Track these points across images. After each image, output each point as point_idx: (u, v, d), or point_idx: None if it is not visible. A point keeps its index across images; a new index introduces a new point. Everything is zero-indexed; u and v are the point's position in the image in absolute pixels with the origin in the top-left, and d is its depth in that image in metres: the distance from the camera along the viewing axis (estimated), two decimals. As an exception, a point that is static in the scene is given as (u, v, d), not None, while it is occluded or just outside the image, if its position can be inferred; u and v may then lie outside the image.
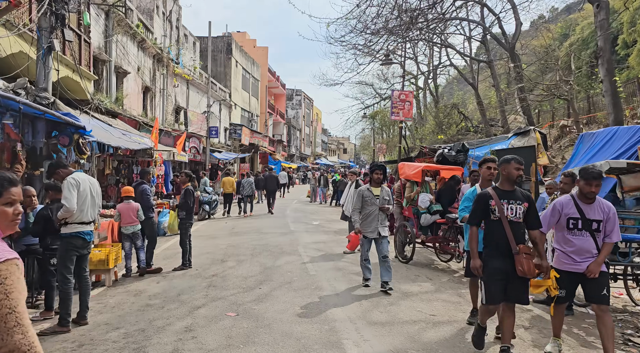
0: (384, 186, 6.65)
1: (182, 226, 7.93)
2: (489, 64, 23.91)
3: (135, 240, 7.47)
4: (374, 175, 6.59)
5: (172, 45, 21.68)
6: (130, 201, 7.49)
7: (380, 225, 6.56)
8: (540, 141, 15.22)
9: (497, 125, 28.93)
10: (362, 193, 6.55)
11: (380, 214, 6.54)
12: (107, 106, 13.69)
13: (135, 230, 7.42)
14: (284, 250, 9.74)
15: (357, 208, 6.58)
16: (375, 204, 6.48)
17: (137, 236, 7.50)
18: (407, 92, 19.78)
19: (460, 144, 10.73)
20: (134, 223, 7.40)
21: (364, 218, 6.56)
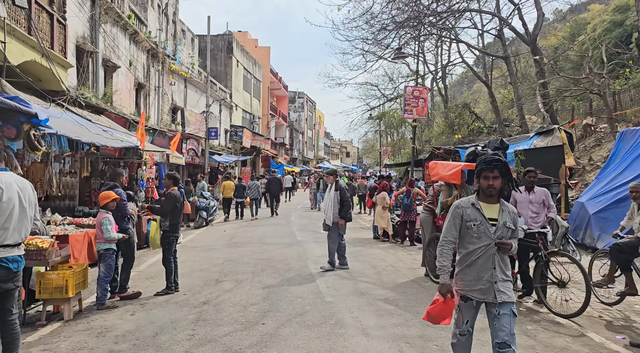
0: (505, 203, 3.33)
1: (165, 241, 6.44)
2: (505, 59, 22.41)
3: (99, 261, 5.86)
4: (485, 180, 3.21)
5: (168, 39, 20.28)
6: (101, 211, 5.98)
7: (501, 278, 3.22)
8: (565, 141, 13.68)
9: (511, 125, 27.47)
10: (460, 212, 3.29)
11: (498, 255, 3.24)
12: (92, 101, 12.27)
13: (100, 248, 5.86)
14: (291, 265, 8.24)
15: (449, 239, 3.33)
16: (488, 236, 3.21)
17: (102, 258, 5.84)
18: (420, 88, 18.32)
19: (497, 140, 9.23)
20: (99, 240, 5.87)
21: (463, 261, 3.30)
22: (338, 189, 8.02)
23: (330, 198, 8.02)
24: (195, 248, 10.50)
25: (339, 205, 7.93)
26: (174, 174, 6.58)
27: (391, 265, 8.33)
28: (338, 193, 7.98)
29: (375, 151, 65.86)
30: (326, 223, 8.10)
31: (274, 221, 16.53)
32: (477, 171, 3.25)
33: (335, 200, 7.95)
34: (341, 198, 7.96)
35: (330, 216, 7.97)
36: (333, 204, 7.94)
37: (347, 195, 8.03)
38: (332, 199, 7.96)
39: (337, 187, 8.05)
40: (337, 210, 7.94)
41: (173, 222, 6.41)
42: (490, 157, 3.22)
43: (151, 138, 16.67)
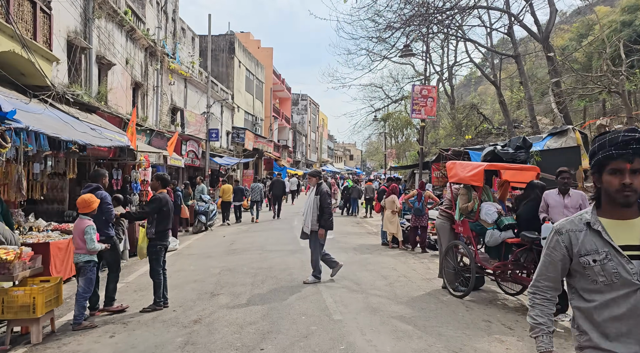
0: None
1: (151, 250, 5.73)
2: (516, 58, 21.67)
3: (78, 274, 5.15)
4: (617, 177, 1.82)
5: (167, 38, 19.65)
6: (82, 217, 5.27)
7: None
8: (581, 142, 12.94)
9: (520, 126, 26.72)
10: (565, 239, 1.93)
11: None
12: (84, 99, 11.61)
13: (79, 260, 5.14)
14: (293, 276, 7.52)
15: (546, 284, 2.04)
16: (627, 279, 1.76)
17: (81, 271, 5.12)
18: (429, 86, 17.61)
19: (519, 138, 8.52)
20: (78, 251, 5.16)
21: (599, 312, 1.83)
22: (319, 193, 7.11)
23: (310, 202, 7.15)
24: (191, 256, 9.80)
25: (319, 211, 7.06)
26: (163, 175, 5.89)
27: (403, 275, 7.61)
28: (318, 198, 7.07)
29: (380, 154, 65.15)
30: (304, 230, 7.24)
31: (275, 225, 15.82)
32: (597, 162, 1.86)
33: (315, 205, 7.08)
34: (321, 203, 7.06)
35: (309, 223, 7.09)
36: (312, 210, 7.05)
37: (328, 201, 7.14)
38: (311, 205, 7.09)
39: (318, 191, 7.14)
40: (316, 216, 7.07)
41: (160, 229, 5.70)
42: (626, 136, 1.80)
43: (148, 138, 16.01)
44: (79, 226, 5.18)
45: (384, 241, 11.39)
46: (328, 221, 7.11)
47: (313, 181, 7.35)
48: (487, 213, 5.72)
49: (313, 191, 7.23)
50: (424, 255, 9.93)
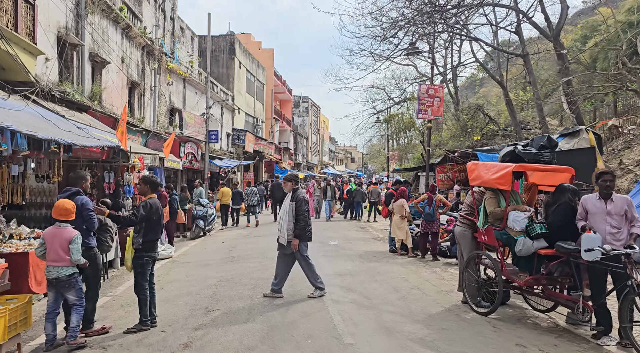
0: None
1: (137, 262, 5.09)
2: (524, 57, 21.07)
3: (63, 290, 4.59)
4: None
5: (165, 36, 19.06)
6: (63, 225, 4.67)
7: None
8: (594, 143, 12.31)
9: (527, 127, 26.10)
10: None
11: None
12: (75, 98, 11.00)
13: (62, 274, 4.55)
14: (297, 288, 6.88)
15: None
16: None
17: (66, 286, 4.57)
18: (435, 86, 16.98)
19: (543, 137, 7.86)
20: (60, 263, 4.55)
21: None
22: (295, 199, 6.42)
23: (285, 210, 6.46)
24: (187, 264, 9.15)
25: (294, 219, 6.38)
26: (151, 177, 5.24)
27: (417, 287, 6.96)
28: (294, 205, 6.38)
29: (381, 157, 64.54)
30: (280, 241, 6.53)
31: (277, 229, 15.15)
32: None
33: (291, 213, 6.38)
34: (296, 211, 6.37)
35: (285, 232, 6.40)
36: (288, 218, 6.38)
37: (304, 208, 6.43)
38: (286, 212, 6.41)
39: (294, 197, 6.45)
40: (292, 225, 6.39)
41: (148, 239, 5.06)
42: None
43: (144, 140, 15.39)
44: (62, 235, 4.56)
45: (391, 247, 10.75)
46: (303, 231, 6.37)
47: (288, 186, 6.59)
48: (516, 220, 5.07)
49: (289, 197, 6.52)
50: (435, 263, 9.28)
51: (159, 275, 8.02)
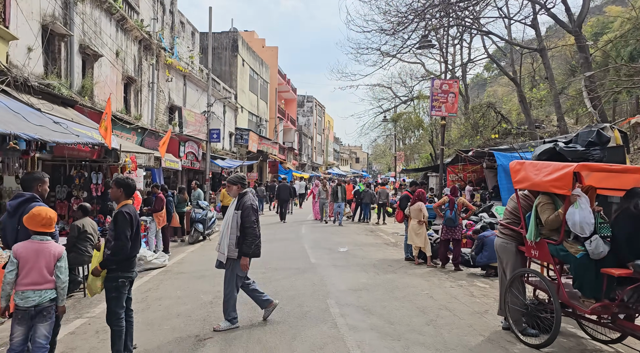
0: None
1: (110, 286, 4.11)
2: (540, 52, 20.02)
3: (40, 320, 3.54)
4: None
5: (164, 30, 18.14)
6: (45, 239, 3.69)
7: None
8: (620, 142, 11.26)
9: (541, 126, 25.04)
10: None
11: None
12: (62, 92, 10.09)
13: (45, 298, 3.56)
14: (305, 308, 5.89)
15: None
16: None
17: (44, 314, 3.56)
18: (450, 81, 15.98)
19: (592, 132, 6.86)
20: (45, 286, 3.58)
21: None
22: (240, 207, 5.11)
23: (227, 220, 5.15)
24: (180, 276, 8.19)
25: (238, 232, 5.08)
26: (126, 179, 4.24)
27: (445, 307, 5.96)
28: (239, 214, 5.10)
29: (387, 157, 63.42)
30: (218, 258, 5.23)
31: (281, 233, 14.21)
32: None
33: (235, 224, 5.08)
34: (242, 221, 5.07)
35: (225, 247, 5.09)
36: (230, 230, 5.09)
37: (252, 218, 5.11)
38: (229, 223, 5.11)
39: (240, 204, 5.13)
40: (235, 239, 5.08)
41: (122, 257, 4.08)
42: None
43: (140, 138, 14.49)
44: (48, 252, 3.60)
45: (407, 255, 9.75)
46: (252, 246, 5.09)
47: (233, 190, 5.27)
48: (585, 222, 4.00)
49: (233, 204, 5.26)
50: (458, 275, 8.28)
51: (147, 290, 7.08)
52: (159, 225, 10.44)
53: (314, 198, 19.32)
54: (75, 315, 5.74)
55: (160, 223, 10.47)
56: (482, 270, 8.46)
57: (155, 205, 10.41)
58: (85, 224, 6.82)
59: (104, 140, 7.38)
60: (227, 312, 5.18)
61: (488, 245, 8.18)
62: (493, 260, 8.10)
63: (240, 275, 5.19)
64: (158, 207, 10.38)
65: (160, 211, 10.41)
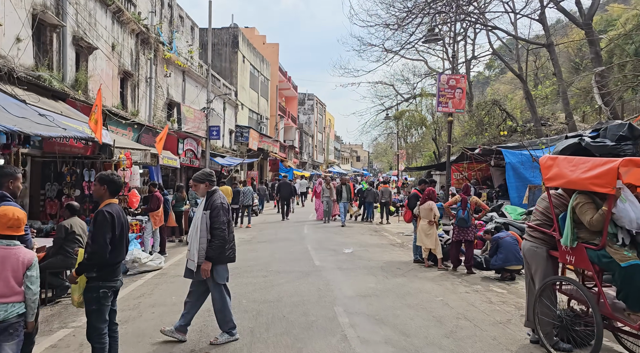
0: None
1: (90, 297, 3.59)
2: (548, 47, 19.52)
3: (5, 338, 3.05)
4: None
5: (162, 23, 17.62)
6: (12, 244, 3.20)
7: None
8: None
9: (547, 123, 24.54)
10: None
11: None
12: (53, 85, 9.60)
13: (12, 313, 3.07)
14: (310, 317, 5.40)
15: None
16: None
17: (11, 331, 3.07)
18: (457, 76, 15.45)
19: (623, 125, 6.36)
20: (11, 298, 3.09)
21: None
22: (210, 207, 4.55)
23: (196, 223, 4.59)
24: (177, 279, 7.69)
25: (209, 235, 4.51)
26: (111, 176, 3.74)
27: (463, 316, 5.46)
28: (208, 215, 4.54)
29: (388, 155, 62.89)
30: (188, 266, 4.67)
31: (283, 233, 13.73)
32: None
33: (204, 226, 4.51)
34: (211, 223, 4.50)
35: (195, 254, 4.51)
36: (198, 234, 4.51)
37: (222, 219, 4.51)
38: (197, 226, 4.54)
39: (209, 203, 4.57)
40: (205, 243, 4.50)
41: (108, 262, 3.59)
42: None
43: (137, 134, 13.99)
44: (16, 258, 3.12)
45: (416, 257, 9.26)
46: (221, 251, 4.50)
47: (200, 188, 4.66)
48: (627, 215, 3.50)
49: (201, 205, 4.68)
50: (472, 278, 7.78)
51: (140, 295, 6.59)
52: (155, 224, 9.95)
53: (317, 197, 18.70)
54: (59, 325, 5.25)
55: (156, 222, 9.99)
56: (496, 273, 7.98)
57: (151, 204, 9.93)
58: (74, 224, 6.35)
59: (94, 134, 6.89)
60: (224, 322, 4.68)
61: (503, 247, 7.71)
62: (509, 263, 7.63)
63: (219, 282, 4.62)
64: (154, 206, 9.90)
65: (156, 210, 9.93)
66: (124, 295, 6.69)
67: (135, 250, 8.52)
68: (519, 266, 7.81)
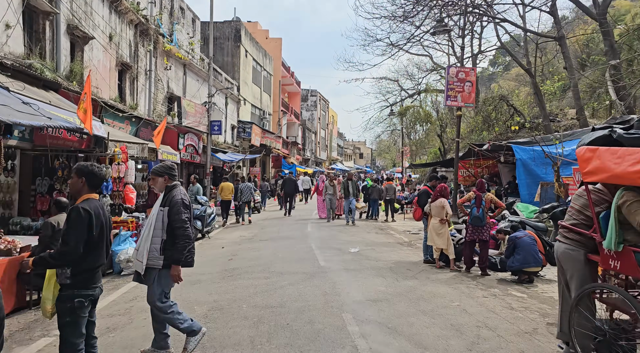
0: None
1: (64, 307, 3.10)
2: (559, 40, 18.95)
3: None
4: None
5: (162, 14, 17.12)
6: None
7: None
8: None
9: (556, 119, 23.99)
10: None
11: None
12: (47, 75, 9.14)
13: None
14: (316, 325, 4.91)
15: None
16: None
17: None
18: (467, 68, 14.91)
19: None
20: None
21: None
22: (168, 203, 3.97)
23: (150, 220, 4.04)
24: (173, 280, 7.23)
25: (165, 234, 3.93)
26: (90, 166, 3.26)
27: (484, 324, 4.97)
28: (166, 211, 3.94)
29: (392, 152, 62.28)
30: (135, 268, 4.06)
31: (286, 231, 13.26)
32: None
33: (160, 224, 3.94)
34: (170, 221, 3.92)
35: (144, 254, 3.91)
36: (151, 232, 3.94)
37: (182, 217, 3.92)
38: (152, 224, 3.98)
39: (168, 199, 3.99)
40: (159, 243, 3.91)
41: (84, 267, 3.12)
42: None
43: (135, 128, 13.53)
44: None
45: (426, 258, 8.77)
46: (184, 253, 3.94)
47: (159, 182, 4.10)
48: None
49: (159, 201, 4.12)
50: (487, 281, 7.29)
51: (133, 298, 6.14)
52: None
53: (319, 194, 18.06)
54: (41, 332, 4.80)
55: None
56: (512, 275, 7.49)
57: (148, 200, 9.49)
58: (61, 221, 5.86)
59: (83, 124, 6.40)
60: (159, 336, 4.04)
61: (521, 247, 7.21)
62: (527, 264, 7.14)
63: (164, 290, 4.00)
64: (152, 202, 9.44)
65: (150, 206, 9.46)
66: (115, 298, 6.25)
67: (131, 248, 8.07)
68: (538, 267, 7.34)
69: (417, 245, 10.84)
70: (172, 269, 3.94)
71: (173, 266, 3.94)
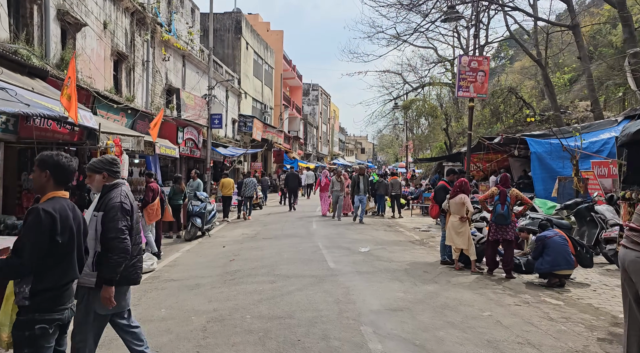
0: None
1: (21, 335, 2.41)
2: (573, 29, 18.20)
3: None
4: None
5: (159, 2, 16.40)
6: None
7: None
8: None
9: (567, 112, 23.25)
10: None
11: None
12: (34, 62, 8.46)
13: None
14: (332, 341, 4.26)
15: None
16: None
17: None
18: (480, 58, 14.23)
19: None
20: None
21: None
22: (103, 207, 3.17)
23: None
24: (169, 284, 6.60)
25: (98, 245, 3.13)
26: (55, 156, 2.61)
27: (526, 340, 4.32)
28: (100, 217, 3.15)
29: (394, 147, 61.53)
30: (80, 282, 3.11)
31: (290, 228, 12.62)
32: None
33: (93, 233, 3.12)
34: (104, 230, 3.12)
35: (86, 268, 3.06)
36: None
37: (119, 224, 3.10)
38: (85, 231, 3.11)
39: (104, 202, 3.18)
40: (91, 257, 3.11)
41: (46, 286, 2.45)
42: None
43: (131, 120, 12.86)
44: None
45: (444, 258, 8.12)
46: (119, 268, 3.09)
47: (96, 180, 3.29)
48: None
49: (94, 203, 3.32)
50: (514, 285, 6.64)
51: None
52: (150, 219, 8.82)
53: (321, 190, 17.08)
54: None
55: (151, 217, 8.85)
56: (540, 278, 6.85)
57: (145, 196, 8.84)
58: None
59: (67, 113, 5.72)
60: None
61: (551, 248, 6.55)
62: (558, 267, 6.48)
63: (100, 313, 3.19)
64: (148, 198, 8.78)
65: (152, 202, 8.80)
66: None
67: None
68: (570, 270, 6.68)
69: (430, 244, 10.20)
70: (102, 290, 3.08)
71: (104, 287, 3.08)
